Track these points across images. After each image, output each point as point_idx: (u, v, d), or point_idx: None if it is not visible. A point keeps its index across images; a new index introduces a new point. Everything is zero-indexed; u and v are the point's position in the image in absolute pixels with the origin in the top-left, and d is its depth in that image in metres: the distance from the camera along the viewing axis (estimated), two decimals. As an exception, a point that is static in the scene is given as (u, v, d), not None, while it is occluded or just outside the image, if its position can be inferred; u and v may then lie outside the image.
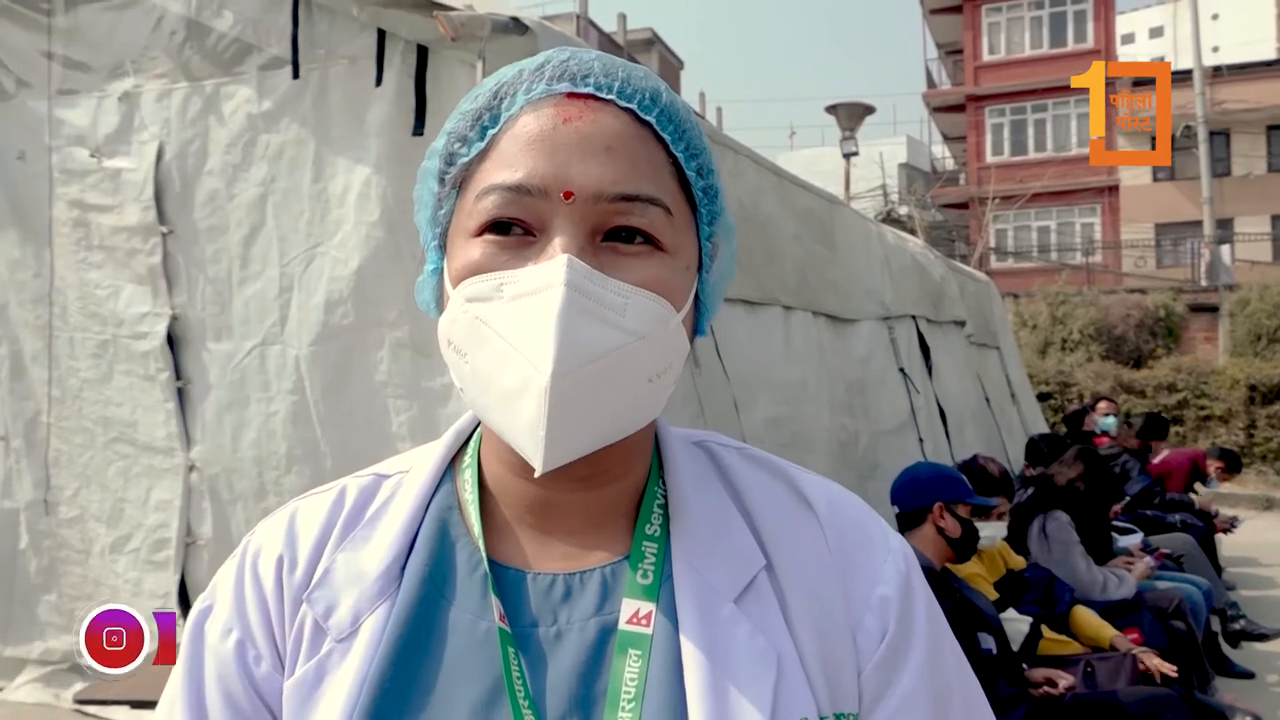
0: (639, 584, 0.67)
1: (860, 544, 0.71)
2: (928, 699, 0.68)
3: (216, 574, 0.75)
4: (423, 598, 0.68)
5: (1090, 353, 15.59)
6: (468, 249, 0.65)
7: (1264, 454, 11.18)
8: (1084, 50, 24.99)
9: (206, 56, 2.99)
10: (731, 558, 0.69)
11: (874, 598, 0.69)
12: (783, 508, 0.72)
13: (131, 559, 3.21)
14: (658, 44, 27.31)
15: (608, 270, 0.62)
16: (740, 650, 0.64)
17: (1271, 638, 5.24)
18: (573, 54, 0.67)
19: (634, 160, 0.64)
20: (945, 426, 5.48)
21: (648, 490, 0.72)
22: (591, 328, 0.61)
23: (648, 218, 0.64)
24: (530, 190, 0.63)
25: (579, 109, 0.64)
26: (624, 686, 0.64)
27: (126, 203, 3.11)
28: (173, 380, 3.13)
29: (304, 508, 0.75)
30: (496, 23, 2.28)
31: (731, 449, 0.77)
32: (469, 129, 0.66)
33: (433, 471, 0.74)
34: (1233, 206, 22.12)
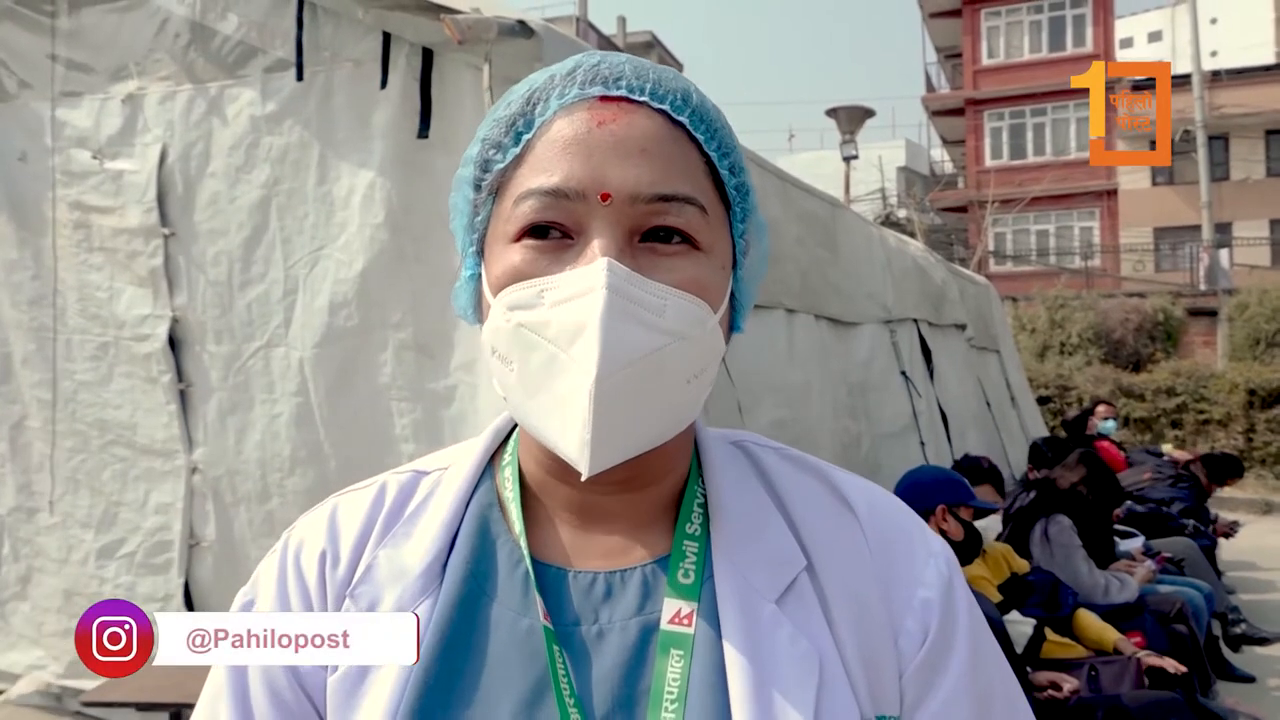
0: (680, 583, 0.68)
1: (901, 546, 0.71)
2: (970, 701, 0.68)
3: (257, 568, 0.75)
4: (466, 594, 0.68)
5: (1089, 356, 15.59)
6: (507, 254, 0.65)
7: (1263, 458, 11.18)
8: (1083, 54, 25.01)
9: (210, 59, 2.99)
10: (772, 558, 0.69)
11: (915, 600, 0.69)
12: (823, 508, 0.72)
13: (124, 563, 3.20)
14: (657, 46, 27.35)
15: (646, 271, 0.63)
16: (783, 652, 0.64)
17: (1272, 641, 5.24)
18: (603, 58, 0.67)
19: (669, 161, 0.64)
20: (947, 430, 5.48)
21: (687, 490, 0.72)
22: (633, 330, 0.61)
23: (684, 217, 0.64)
24: (567, 193, 0.63)
25: (613, 112, 0.64)
26: (667, 686, 0.64)
27: (128, 204, 3.10)
28: (175, 382, 3.13)
29: (344, 503, 0.75)
30: (503, 26, 2.28)
31: (770, 449, 0.77)
32: (503, 135, 0.67)
33: (473, 469, 0.74)
34: (1231, 211, 22.14)
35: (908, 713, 0.67)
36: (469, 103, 2.67)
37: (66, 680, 3.26)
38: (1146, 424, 12.40)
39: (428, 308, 2.85)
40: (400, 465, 2.66)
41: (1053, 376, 13.38)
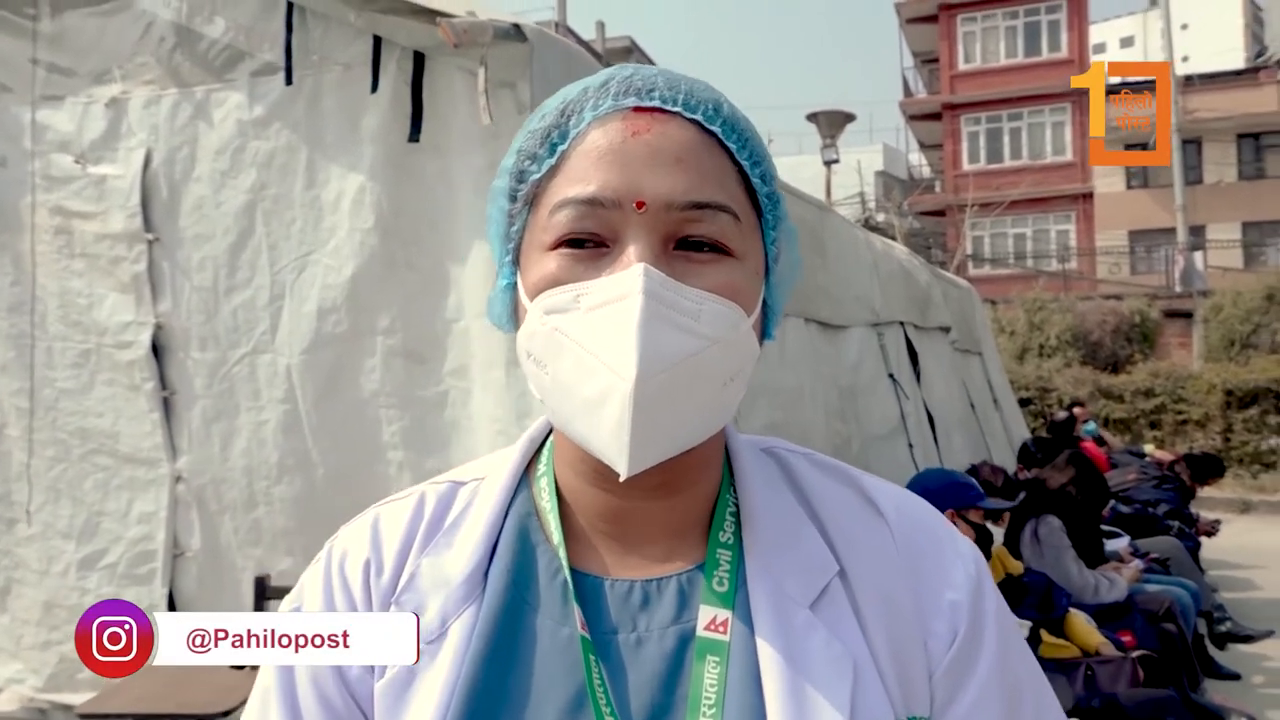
0: (715, 591, 0.69)
1: (929, 549, 0.72)
2: (999, 701, 0.69)
3: (301, 577, 0.77)
4: (508, 604, 0.70)
5: (1068, 358, 15.75)
6: (543, 262, 0.66)
7: (1240, 458, 11.33)
8: (1058, 60, 25.31)
9: (197, 63, 2.96)
10: (805, 564, 0.70)
11: (944, 602, 0.70)
12: (852, 513, 0.73)
13: (106, 574, 3.14)
14: (635, 52, 27.38)
15: (680, 277, 0.64)
16: (817, 656, 0.66)
17: (1256, 639, 5.29)
18: (635, 69, 0.69)
19: (702, 169, 0.66)
20: (934, 432, 5.51)
21: (720, 498, 0.74)
22: (669, 334, 0.62)
23: (717, 225, 0.65)
24: (603, 202, 0.64)
25: (646, 122, 0.66)
26: (704, 693, 0.65)
27: (111, 209, 3.06)
28: (158, 390, 3.08)
29: (385, 514, 0.77)
30: (498, 29, 2.27)
31: (799, 455, 0.78)
32: (538, 146, 0.68)
33: (509, 479, 0.76)
34: (1204, 213, 22.45)
35: (938, 713, 0.68)
36: (461, 106, 2.65)
37: (47, 694, 3.19)
38: (1126, 425, 12.54)
39: (419, 313, 2.82)
40: (390, 473, 2.61)
41: (1033, 378, 13.50)
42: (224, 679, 2.00)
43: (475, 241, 2.73)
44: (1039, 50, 25.58)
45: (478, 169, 2.69)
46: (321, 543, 2.74)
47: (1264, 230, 23.51)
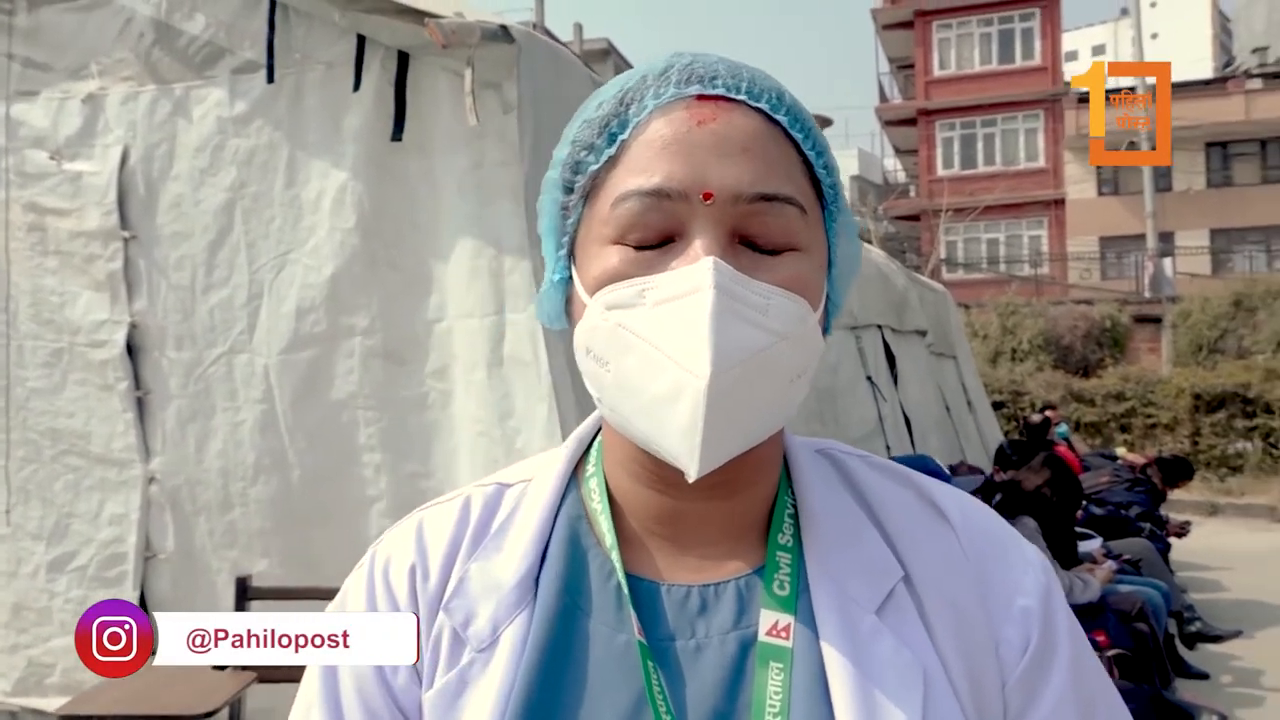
0: (776, 595, 0.66)
1: (997, 554, 0.70)
2: (1075, 710, 0.67)
3: (345, 583, 0.74)
4: (562, 610, 0.67)
5: (1040, 362, 15.92)
6: (604, 256, 0.64)
7: (1208, 461, 11.48)
8: (1031, 67, 25.59)
9: (176, 59, 2.93)
10: (868, 568, 0.68)
11: (1015, 609, 0.67)
12: (916, 517, 0.71)
13: (76, 577, 3.09)
14: (613, 54, 27.39)
15: (748, 271, 0.62)
16: (886, 664, 0.63)
17: (1225, 639, 5.37)
18: (695, 57, 0.66)
19: (769, 160, 0.63)
20: (910, 434, 5.55)
21: (778, 499, 0.71)
22: (740, 329, 0.60)
23: (785, 217, 0.63)
24: (669, 194, 0.62)
25: (711, 110, 0.63)
26: (769, 700, 0.63)
27: (87, 207, 3.02)
28: (131, 390, 3.04)
29: (429, 517, 0.74)
30: (486, 31, 2.27)
31: (855, 456, 0.76)
32: (596, 136, 0.66)
33: (558, 481, 0.73)
34: (1173, 220, 22.76)
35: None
36: (444, 106, 2.64)
37: (16, 698, 3.14)
38: (1096, 428, 12.69)
39: (399, 313, 2.81)
40: (366, 475, 2.58)
41: (1006, 382, 13.63)
42: (206, 680, 1.98)
43: (458, 241, 2.72)
44: (1013, 58, 25.86)
45: (461, 169, 2.68)
46: (297, 544, 2.71)
47: (1231, 237, 23.89)
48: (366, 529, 2.82)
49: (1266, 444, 11.76)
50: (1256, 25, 27.90)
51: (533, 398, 2.64)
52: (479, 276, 2.69)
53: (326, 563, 2.87)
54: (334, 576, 2.78)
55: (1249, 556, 7.87)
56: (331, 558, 2.86)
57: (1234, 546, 8.24)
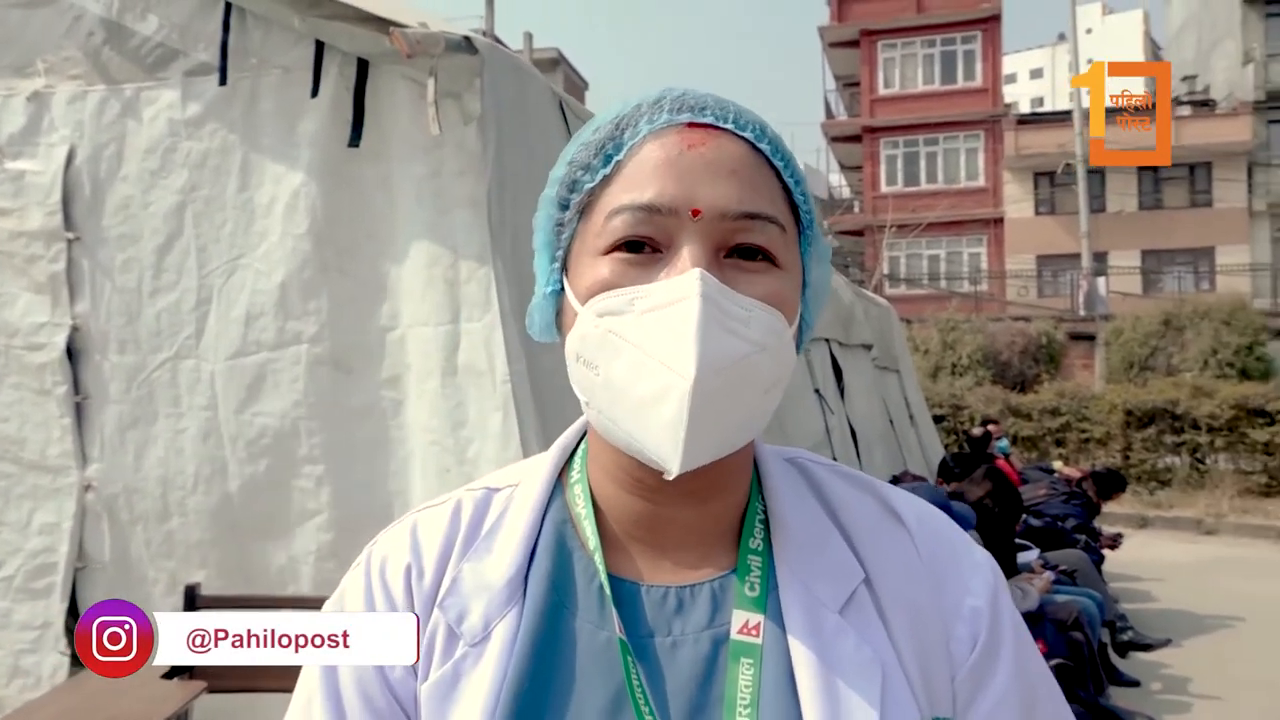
0: (747, 596, 0.71)
1: (949, 557, 0.75)
2: (1017, 701, 0.72)
3: (342, 582, 0.78)
4: (549, 607, 0.72)
5: (979, 377, 16.25)
6: (596, 267, 0.68)
7: (1139, 475, 11.80)
8: (972, 88, 26.21)
9: (127, 59, 2.87)
10: (833, 570, 0.73)
11: (965, 608, 0.73)
12: (875, 522, 0.76)
13: (1, 587, 3.00)
14: (563, 64, 27.41)
15: (731, 284, 0.66)
16: (848, 659, 0.68)
17: (1156, 648, 5.54)
18: (686, 90, 0.72)
19: (754, 182, 0.69)
20: (856, 447, 5.63)
21: (750, 506, 0.76)
22: (723, 337, 0.64)
23: (767, 235, 0.68)
24: (660, 209, 0.66)
25: (701, 136, 0.68)
26: (740, 693, 0.67)
27: (29, 206, 2.94)
28: (70, 394, 2.96)
29: (422, 520, 0.78)
30: (450, 41, 2.27)
31: (821, 465, 0.81)
32: (592, 157, 0.71)
33: (544, 486, 0.77)
34: (1107, 241, 23.44)
35: (960, 713, 0.71)
36: (403, 114, 2.63)
37: None
38: (1033, 442, 12.98)
39: (349, 321, 2.78)
40: (307, 487, 2.55)
41: (946, 396, 13.88)
42: (154, 690, 1.94)
43: (414, 249, 2.71)
44: (955, 78, 26.45)
45: (418, 177, 2.67)
46: (235, 556, 2.67)
47: (1161, 258, 24.67)
48: (305, 543, 2.79)
49: (1194, 459, 12.14)
50: (1186, 54, 28.92)
51: (487, 407, 2.63)
52: (434, 285, 2.68)
53: (265, 575, 2.82)
54: (270, 590, 2.71)
55: (1177, 568, 8.13)
56: (268, 571, 2.82)
57: (1163, 558, 8.50)
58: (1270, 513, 10.64)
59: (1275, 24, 24.85)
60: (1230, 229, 23.94)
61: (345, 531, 2.74)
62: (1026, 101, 39.33)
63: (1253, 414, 11.79)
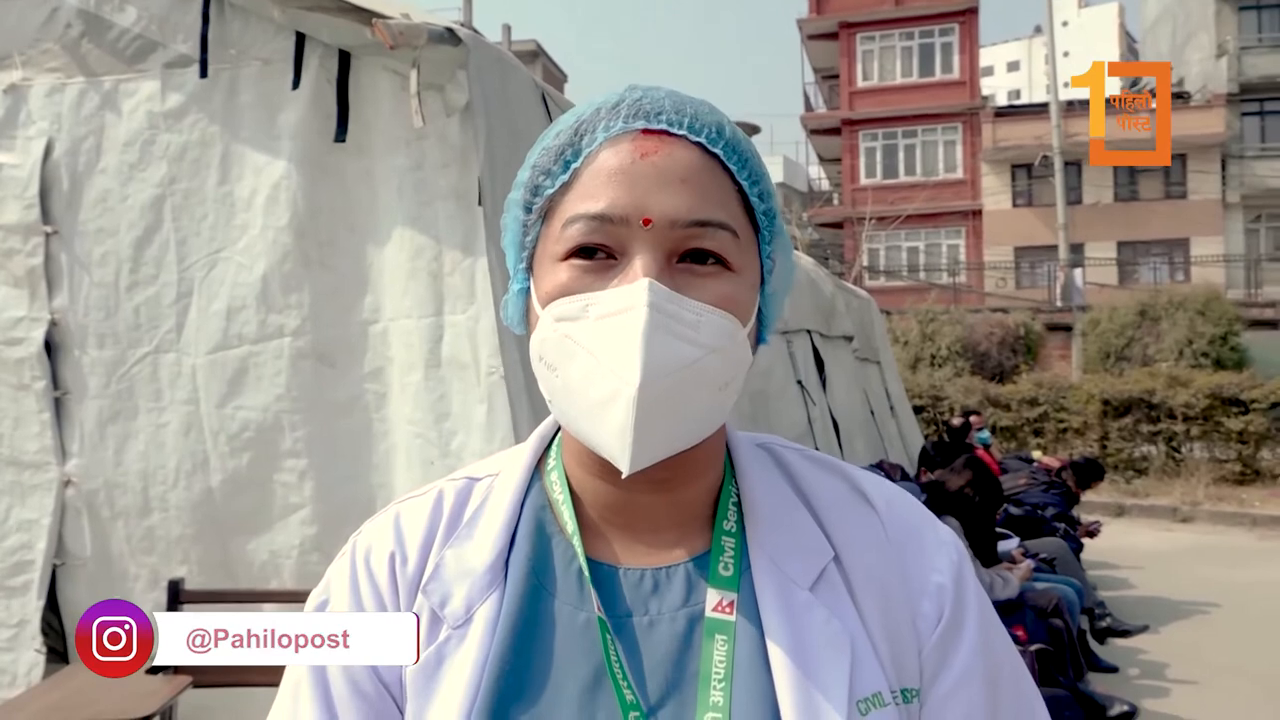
0: (721, 576, 0.74)
1: (914, 536, 0.78)
2: (981, 674, 0.75)
3: (328, 571, 0.80)
4: (529, 590, 0.74)
5: (958, 368, 16.36)
6: (555, 272, 0.71)
7: (1116, 464, 11.90)
8: (950, 80, 26.33)
9: (106, 51, 2.85)
10: (803, 549, 0.75)
11: (930, 584, 0.76)
12: (844, 503, 0.79)
13: None
14: (542, 56, 27.31)
15: (683, 290, 0.68)
16: (817, 634, 0.71)
17: (1133, 634, 5.61)
18: (645, 93, 0.73)
19: (705, 190, 0.70)
20: (838, 437, 5.66)
21: (723, 490, 0.79)
22: (671, 344, 0.67)
23: (718, 241, 0.70)
24: (612, 219, 0.69)
25: (654, 144, 0.70)
26: (714, 669, 0.70)
27: (7, 200, 2.91)
28: (49, 389, 2.94)
29: (405, 510, 0.81)
30: (432, 33, 2.27)
31: (792, 450, 0.83)
32: (552, 163, 0.73)
33: (523, 474, 0.80)
34: (1084, 232, 23.62)
35: (926, 685, 0.74)
36: (385, 107, 2.62)
37: None
38: (1011, 432, 13.08)
39: (331, 314, 2.77)
40: (289, 481, 2.53)
41: (926, 387, 13.95)
42: (139, 685, 1.93)
43: (396, 242, 2.70)
44: (933, 70, 26.56)
45: (400, 169, 2.66)
46: (216, 551, 2.65)
47: (1137, 249, 24.89)
48: (288, 537, 2.78)
49: (1169, 448, 12.26)
50: (1161, 46, 29.16)
51: (470, 399, 2.63)
52: (417, 277, 2.67)
53: (246, 571, 2.81)
54: (255, 584, 2.69)
55: (1154, 555, 8.22)
56: (250, 566, 2.81)
57: (1140, 546, 8.59)
58: (1244, 500, 10.77)
59: (1249, 17, 25.10)
60: (1204, 220, 24.19)
61: (329, 525, 2.74)
62: (1003, 94, 39.61)
63: (1227, 403, 11.92)
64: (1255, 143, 24.65)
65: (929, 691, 0.74)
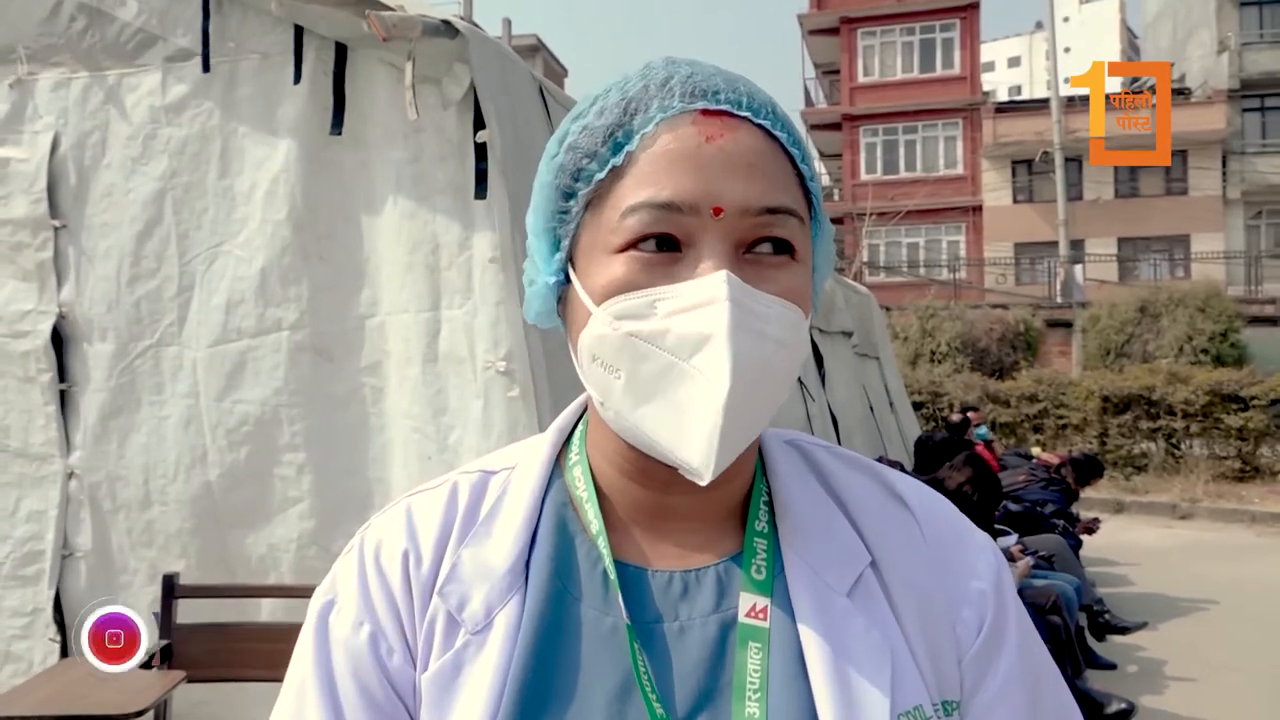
0: (754, 579, 0.70)
1: (953, 540, 0.75)
2: (1022, 684, 0.71)
3: (334, 567, 0.75)
4: (552, 593, 0.69)
5: (958, 364, 16.37)
6: (610, 266, 0.65)
7: (1115, 460, 11.90)
8: (951, 76, 26.29)
9: (109, 46, 2.85)
10: (839, 553, 0.71)
11: (971, 591, 0.72)
12: (880, 505, 0.75)
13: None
14: (542, 50, 27.29)
15: (752, 282, 0.64)
16: (857, 643, 0.67)
17: (1132, 631, 5.62)
18: (694, 68, 0.68)
19: (772, 175, 0.66)
20: (837, 434, 5.66)
21: (754, 489, 0.74)
22: (751, 339, 0.63)
23: (788, 229, 0.66)
24: (680, 207, 0.64)
25: (718, 127, 0.65)
26: (749, 678, 0.66)
27: (14, 194, 2.92)
28: (55, 382, 2.95)
29: (418, 504, 0.75)
30: (428, 25, 2.26)
31: (820, 447, 0.79)
32: (600, 145, 0.66)
33: (543, 468, 0.75)
34: (1084, 228, 23.60)
35: (968, 695, 0.70)
36: (382, 100, 2.62)
37: None
38: (1010, 428, 13.09)
39: (330, 308, 2.78)
40: (288, 474, 2.53)
41: (925, 383, 13.96)
42: (136, 680, 1.93)
43: (393, 236, 2.70)
44: (934, 66, 26.52)
45: (398, 163, 2.66)
46: (215, 546, 2.66)
47: (1137, 246, 24.88)
48: (286, 531, 2.78)
49: (1169, 444, 12.27)
50: (1162, 42, 29.12)
51: (468, 394, 2.64)
52: (414, 271, 2.67)
53: (244, 565, 2.82)
54: (251, 579, 2.70)
55: (1153, 552, 8.24)
56: (248, 560, 2.82)
57: (1139, 543, 8.61)
58: (1244, 497, 10.78)
59: (1249, 13, 25.06)
60: (1205, 217, 24.18)
61: (327, 519, 2.74)
62: (1004, 90, 39.58)
63: (1226, 400, 11.92)
64: (1256, 139, 24.63)
65: (970, 702, 0.70)
